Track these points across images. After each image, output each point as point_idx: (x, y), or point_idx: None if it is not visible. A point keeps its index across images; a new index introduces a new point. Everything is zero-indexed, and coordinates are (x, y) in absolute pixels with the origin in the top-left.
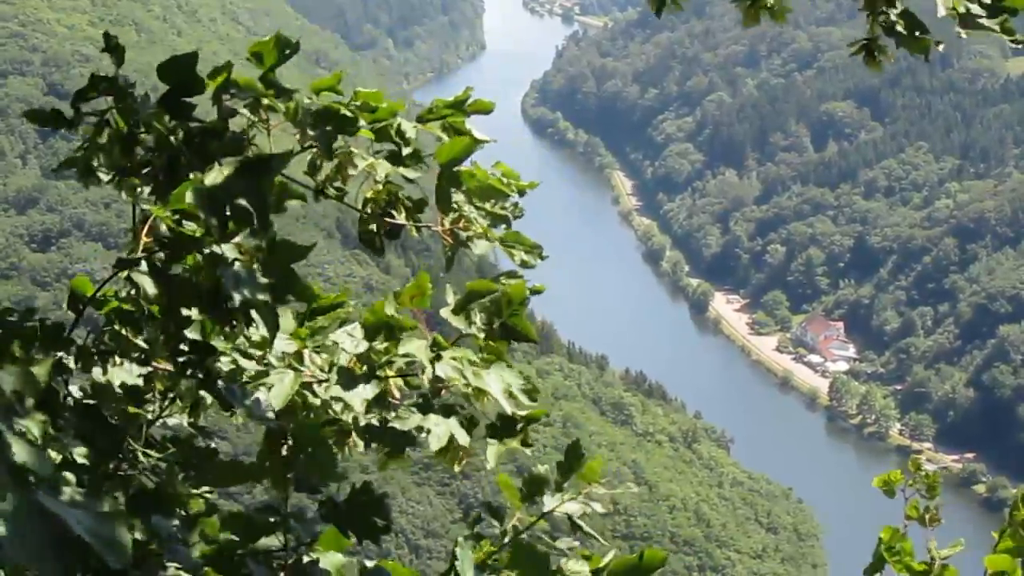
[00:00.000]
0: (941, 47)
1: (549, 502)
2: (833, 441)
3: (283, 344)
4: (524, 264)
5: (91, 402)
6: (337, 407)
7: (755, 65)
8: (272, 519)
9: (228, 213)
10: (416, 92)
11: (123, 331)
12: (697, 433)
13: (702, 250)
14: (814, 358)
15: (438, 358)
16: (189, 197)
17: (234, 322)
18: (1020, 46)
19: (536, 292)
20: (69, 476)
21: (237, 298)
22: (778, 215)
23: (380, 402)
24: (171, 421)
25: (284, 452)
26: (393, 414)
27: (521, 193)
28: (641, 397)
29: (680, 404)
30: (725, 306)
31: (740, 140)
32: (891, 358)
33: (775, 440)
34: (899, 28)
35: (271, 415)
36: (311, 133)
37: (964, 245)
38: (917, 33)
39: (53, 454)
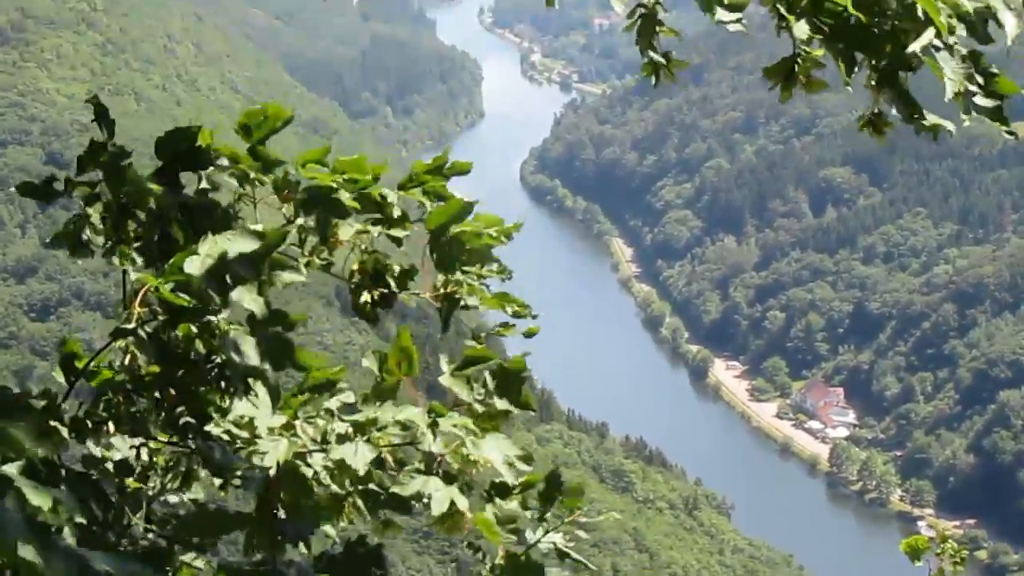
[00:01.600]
0: (952, 128)
1: (532, 535)
2: (834, 507)
3: (272, 418)
4: (517, 315)
5: (86, 472)
6: (327, 478)
7: (753, 131)
8: (265, 570)
9: (224, 283)
10: (414, 159)
11: (117, 401)
12: (698, 500)
13: (702, 316)
14: (814, 424)
15: (435, 425)
16: (186, 267)
17: (231, 391)
18: (1012, 138)
19: (530, 335)
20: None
21: (235, 367)
22: (777, 281)
23: (381, 465)
24: (172, 499)
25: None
26: (391, 480)
27: (508, 237)
28: (642, 464)
29: (681, 471)
30: (725, 372)
31: (739, 206)
32: (891, 424)
33: (776, 506)
34: (901, 111)
35: (263, 481)
36: (304, 219)
37: (963, 311)
38: (916, 116)
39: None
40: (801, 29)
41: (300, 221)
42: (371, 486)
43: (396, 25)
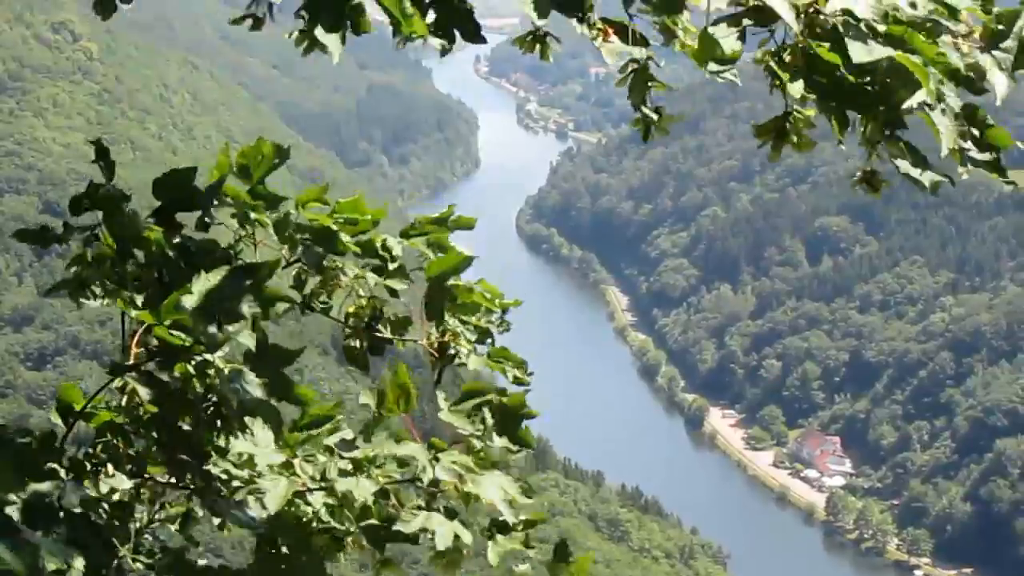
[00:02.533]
0: (959, 177)
1: None
2: (831, 556)
3: (272, 455)
4: (517, 381)
5: (84, 512)
6: (327, 516)
7: (749, 180)
8: None
9: (219, 319)
10: (411, 209)
11: (115, 442)
12: (694, 549)
13: (698, 365)
14: (811, 473)
15: (436, 460)
16: (183, 304)
17: (228, 429)
18: (1011, 186)
19: (519, 382)
20: None
21: (234, 402)
22: (773, 330)
23: (385, 496)
24: (162, 534)
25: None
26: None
27: (504, 310)
28: (637, 513)
29: (677, 520)
30: (721, 421)
31: (735, 255)
32: (888, 472)
33: (773, 555)
34: (905, 169)
35: (262, 523)
36: (300, 253)
37: (960, 359)
38: (920, 172)
39: (52, 566)
40: (796, 88)
41: (299, 256)
42: (372, 522)
43: (392, 74)
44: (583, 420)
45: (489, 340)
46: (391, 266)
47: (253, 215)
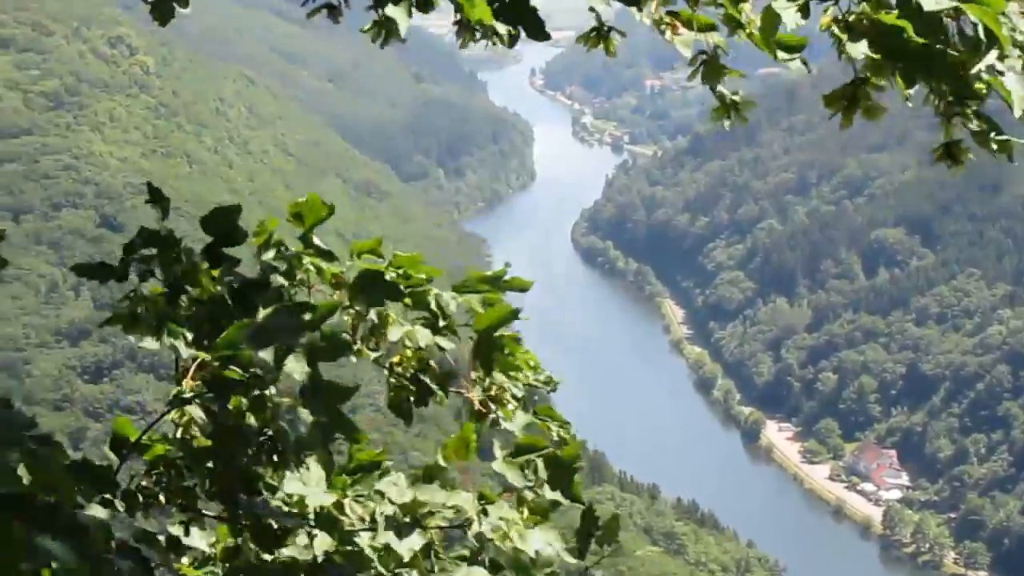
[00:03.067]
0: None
1: None
2: (887, 570)
3: (322, 496)
4: (563, 440)
5: (137, 547)
6: (376, 559)
7: (805, 192)
8: None
9: (275, 355)
10: (467, 222)
11: (169, 475)
12: (750, 562)
13: (754, 378)
14: (867, 486)
15: (485, 512)
16: (239, 340)
17: (283, 465)
18: None
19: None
20: None
21: (290, 439)
22: (830, 343)
23: (426, 553)
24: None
25: None
26: (438, 567)
27: (547, 383)
28: (693, 526)
29: (733, 533)
30: (777, 434)
31: (791, 268)
32: (945, 486)
33: (829, 569)
34: (975, 128)
35: (309, 562)
36: (356, 301)
37: (1017, 371)
38: (994, 134)
39: None
40: (857, 49)
41: (352, 308)
42: (415, 573)
43: (447, 87)
44: (639, 433)
45: (535, 398)
46: (441, 323)
47: (306, 260)
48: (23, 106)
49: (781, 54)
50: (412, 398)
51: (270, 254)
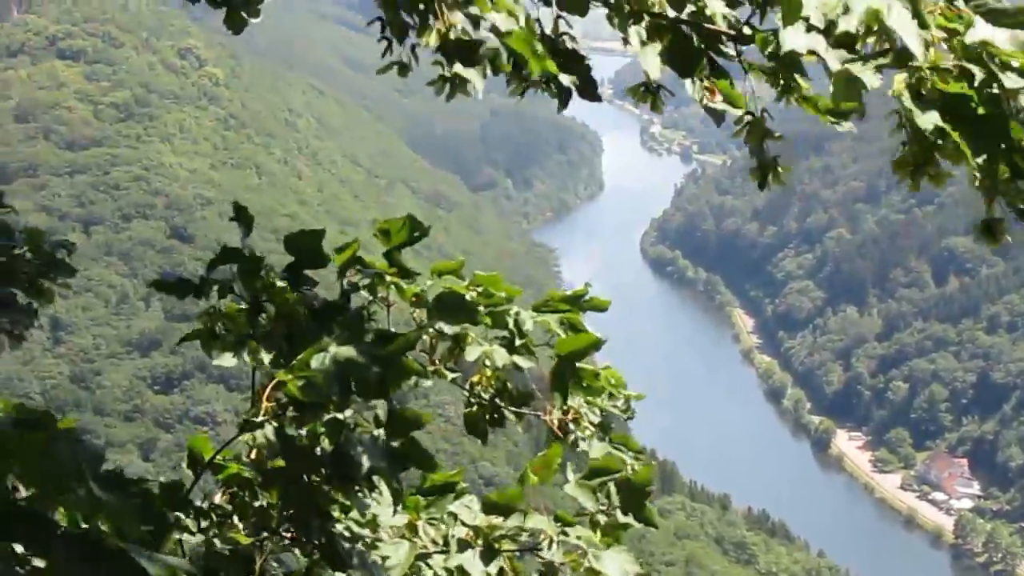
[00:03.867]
0: None
1: None
2: None
3: (395, 517)
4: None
5: (209, 565)
6: None
7: (875, 201)
8: None
9: (351, 381)
10: (535, 231)
11: (241, 495)
12: (821, 572)
13: (824, 387)
14: (938, 495)
15: (564, 534)
16: (314, 363)
17: (355, 489)
18: None
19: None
20: None
21: (364, 465)
22: (900, 351)
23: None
24: None
25: None
26: None
27: (627, 402)
28: (764, 536)
29: (804, 543)
30: (848, 443)
31: (861, 276)
32: (1016, 494)
33: None
34: None
35: None
36: (436, 321)
37: None
38: None
39: None
40: (927, 120)
41: (431, 328)
42: None
43: (515, 97)
44: (709, 443)
45: (612, 424)
46: (518, 342)
47: (388, 278)
48: (93, 117)
49: (832, 118)
50: (488, 418)
51: (353, 275)
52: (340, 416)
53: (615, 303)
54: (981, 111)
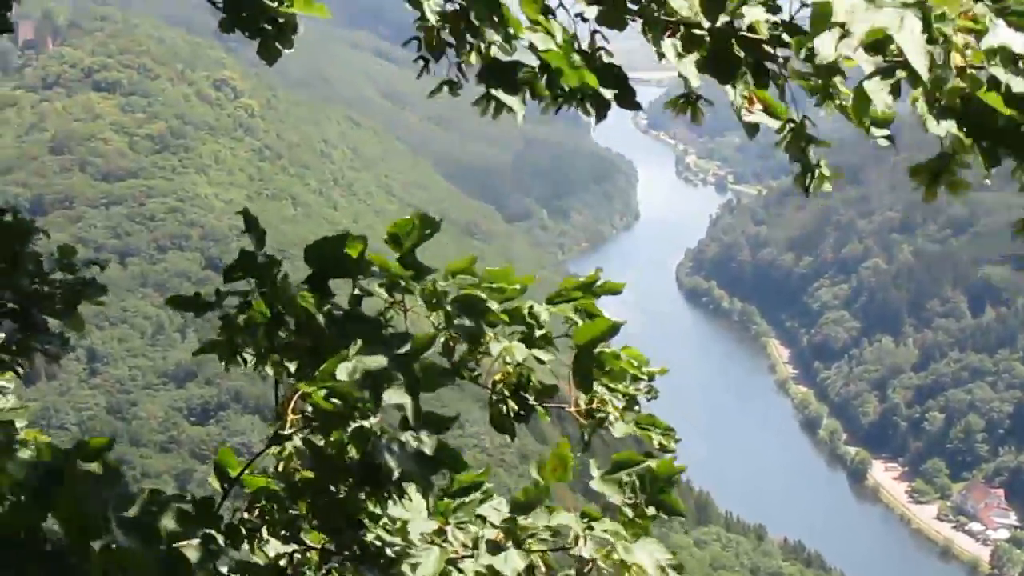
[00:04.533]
0: None
1: None
2: None
3: (425, 523)
4: (663, 448)
5: None
6: None
7: (911, 231)
8: None
9: (375, 388)
10: (571, 262)
11: (271, 507)
12: None
13: (860, 418)
14: (975, 526)
15: (590, 529)
16: (337, 373)
17: (385, 496)
18: None
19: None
20: None
21: (394, 470)
22: (936, 382)
23: (532, 573)
24: None
25: None
26: None
27: (651, 377)
28: (800, 566)
29: (839, 573)
30: (884, 474)
31: (896, 307)
32: None
33: None
34: None
35: None
36: (454, 324)
37: None
38: None
39: None
40: (941, 128)
41: (449, 330)
42: None
43: (550, 127)
44: (744, 473)
45: (636, 407)
46: (537, 333)
47: (403, 284)
48: (129, 149)
49: (873, 130)
50: (513, 413)
51: (366, 281)
52: (366, 424)
53: (651, 333)
54: (1001, 119)
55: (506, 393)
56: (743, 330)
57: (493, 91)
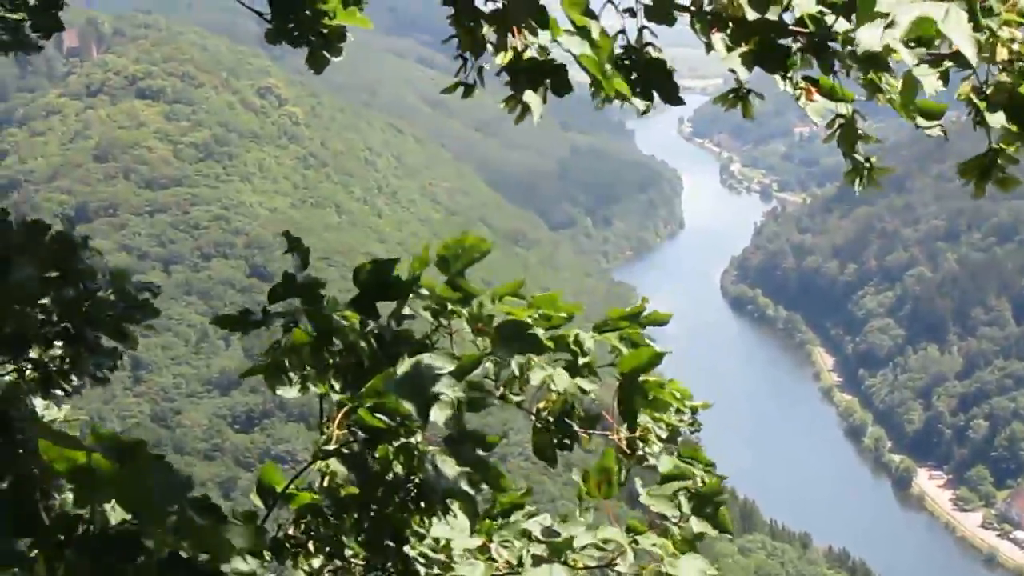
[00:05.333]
0: None
1: None
2: None
3: (468, 540)
4: (706, 490)
5: None
6: None
7: (955, 239)
8: None
9: (421, 404)
10: (615, 270)
11: (316, 523)
12: None
13: (904, 426)
14: (1020, 534)
15: (635, 544)
16: (384, 387)
17: (430, 512)
18: None
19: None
20: None
21: (439, 488)
22: (981, 390)
23: None
24: None
25: None
26: None
27: (695, 411)
28: (845, 575)
29: None
30: (928, 482)
31: (941, 315)
32: None
33: None
34: None
35: None
36: (497, 347)
37: None
38: None
39: None
40: (995, 120)
41: (495, 355)
42: None
43: (594, 136)
44: (789, 481)
45: (679, 437)
46: (581, 361)
47: (449, 307)
48: (173, 157)
49: (920, 120)
50: (556, 441)
51: (415, 303)
52: (412, 440)
53: (696, 342)
54: None
55: (550, 420)
56: (788, 338)
57: (521, 89)
